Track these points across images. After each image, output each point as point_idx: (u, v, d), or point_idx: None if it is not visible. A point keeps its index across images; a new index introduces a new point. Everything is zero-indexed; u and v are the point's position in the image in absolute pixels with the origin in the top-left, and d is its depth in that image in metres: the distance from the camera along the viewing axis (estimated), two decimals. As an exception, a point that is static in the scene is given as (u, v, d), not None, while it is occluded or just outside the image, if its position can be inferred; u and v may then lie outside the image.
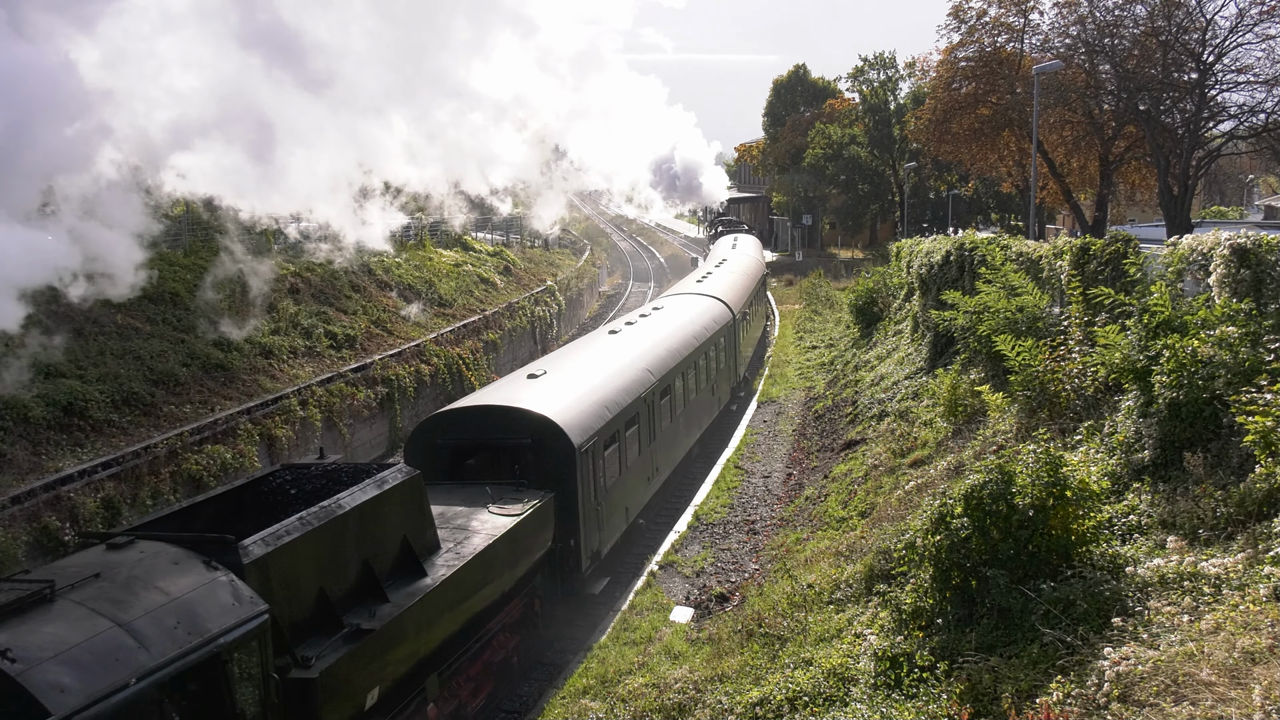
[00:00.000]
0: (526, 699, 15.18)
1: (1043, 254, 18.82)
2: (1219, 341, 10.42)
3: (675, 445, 23.94)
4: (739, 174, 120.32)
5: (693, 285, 35.58)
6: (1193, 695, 6.60)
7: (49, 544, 18.01)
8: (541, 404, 17.14)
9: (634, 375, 20.94)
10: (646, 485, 21.31)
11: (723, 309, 30.84)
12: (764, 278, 48.01)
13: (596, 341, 24.74)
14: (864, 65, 78.60)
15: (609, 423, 18.23)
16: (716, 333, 28.66)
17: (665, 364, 22.89)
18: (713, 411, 28.76)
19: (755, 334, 40.13)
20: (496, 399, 17.93)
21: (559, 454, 16.31)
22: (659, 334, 25.11)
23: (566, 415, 17.00)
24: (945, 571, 10.04)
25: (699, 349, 26.11)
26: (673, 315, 28.12)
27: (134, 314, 26.59)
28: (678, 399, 23.76)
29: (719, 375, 29.29)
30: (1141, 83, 35.91)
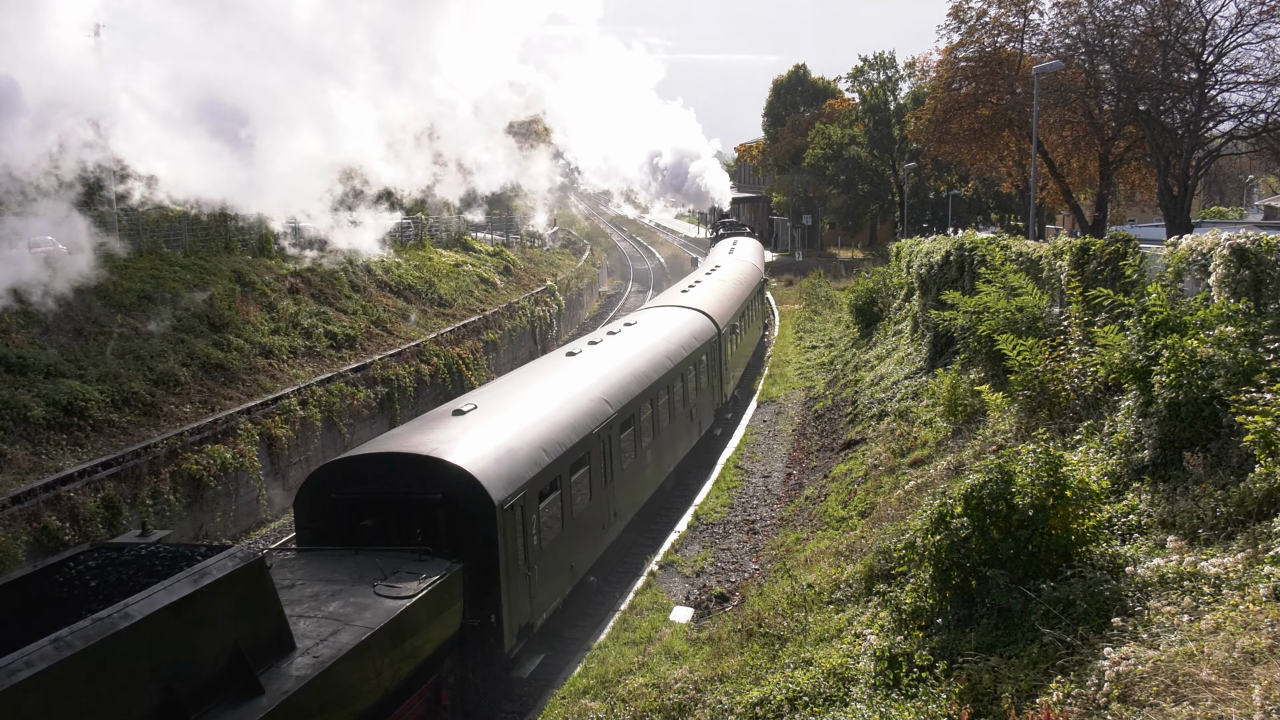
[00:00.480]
0: (526, 699, 15.18)
1: (1043, 254, 18.82)
2: (1218, 341, 10.42)
3: (640, 484, 20.98)
4: (739, 174, 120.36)
5: (675, 296, 32.61)
6: (1193, 695, 6.60)
7: (49, 544, 18.02)
8: (458, 450, 14.32)
9: (586, 407, 18.08)
10: (600, 535, 18.37)
11: (706, 324, 28.22)
12: (762, 284, 45.69)
13: (549, 366, 21.58)
14: (864, 65, 78.65)
15: (547, 468, 15.46)
16: (697, 351, 26.04)
17: (628, 391, 20.13)
18: (691, 439, 25.85)
19: (747, 348, 37.22)
20: (401, 444, 14.92)
21: (475, 512, 13.54)
22: (625, 355, 22.20)
23: (487, 464, 14.22)
24: (945, 571, 10.03)
25: (674, 370, 23.44)
26: (645, 332, 25.19)
27: (134, 314, 26.61)
28: (644, 430, 20.97)
29: (699, 398, 26.56)
30: (1141, 83, 35.92)
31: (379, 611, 11.43)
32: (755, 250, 52.38)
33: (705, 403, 27.30)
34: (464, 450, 14.32)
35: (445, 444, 14.48)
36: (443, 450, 14.21)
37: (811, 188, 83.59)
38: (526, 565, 14.54)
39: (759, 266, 46.53)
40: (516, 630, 14.31)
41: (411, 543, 13.38)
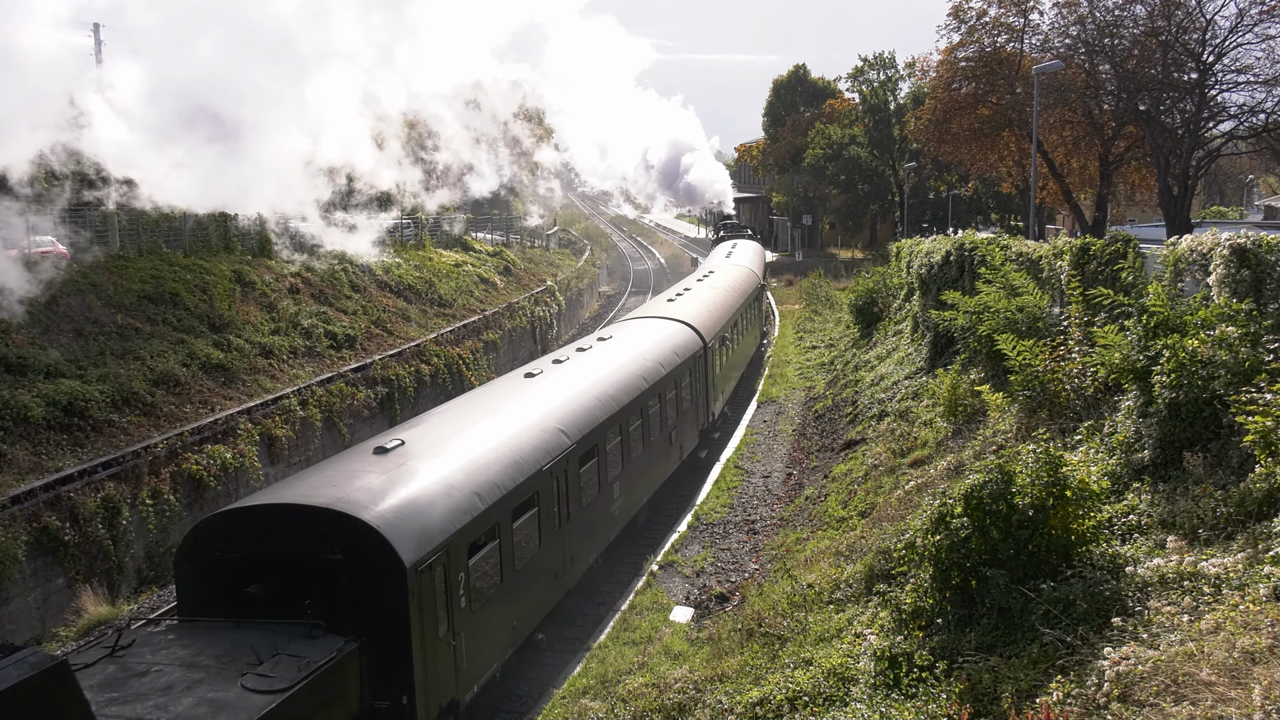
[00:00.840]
0: (526, 699, 15.18)
1: (1043, 254, 18.82)
2: (1218, 341, 10.42)
3: (603, 522, 18.74)
4: (739, 174, 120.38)
5: (659, 306, 30.25)
6: (1193, 695, 6.60)
7: (49, 544, 18.02)
8: (366, 499, 12.10)
9: (538, 440, 15.86)
10: (552, 585, 16.11)
11: (690, 337, 25.97)
12: (760, 289, 43.45)
13: (501, 391, 19.01)
14: (864, 65, 78.66)
15: (481, 516, 13.28)
16: (678, 368, 23.84)
17: (592, 417, 18.04)
18: (670, 465, 23.52)
19: (740, 359, 34.85)
20: (297, 493, 12.51)
21: (381, 577, 11.37)
22: (592, 376, 19.93)
23: (401, 515, 11.99)
24: (945, 571, 10.03)
25: (649, 391, 21.30)
26: (619, 349, 22.82)
27: (134, 314, 26.62)
28: (610, 461, 18.83)
29: (681, 420, 24.37)
30: (1141, 83, 35.91)
31: (239, 713, 9.17)
32: (754, 254, 49.82)
33: (688, 424, 25.23)
34: (373, 499, 12.08)
35: (351, 492, 12.20)
36: (345, 500, 11.90)
37: (811, 188, 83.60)
38: (450, 634, 12.35)
39: (756, 271, 43.98)
40: (436, 711, 12.14)
41: (304, 613, 11.06)
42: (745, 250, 49.74)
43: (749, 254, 48.15)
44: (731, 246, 52.21)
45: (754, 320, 39.65)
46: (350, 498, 12.02)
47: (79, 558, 18.36)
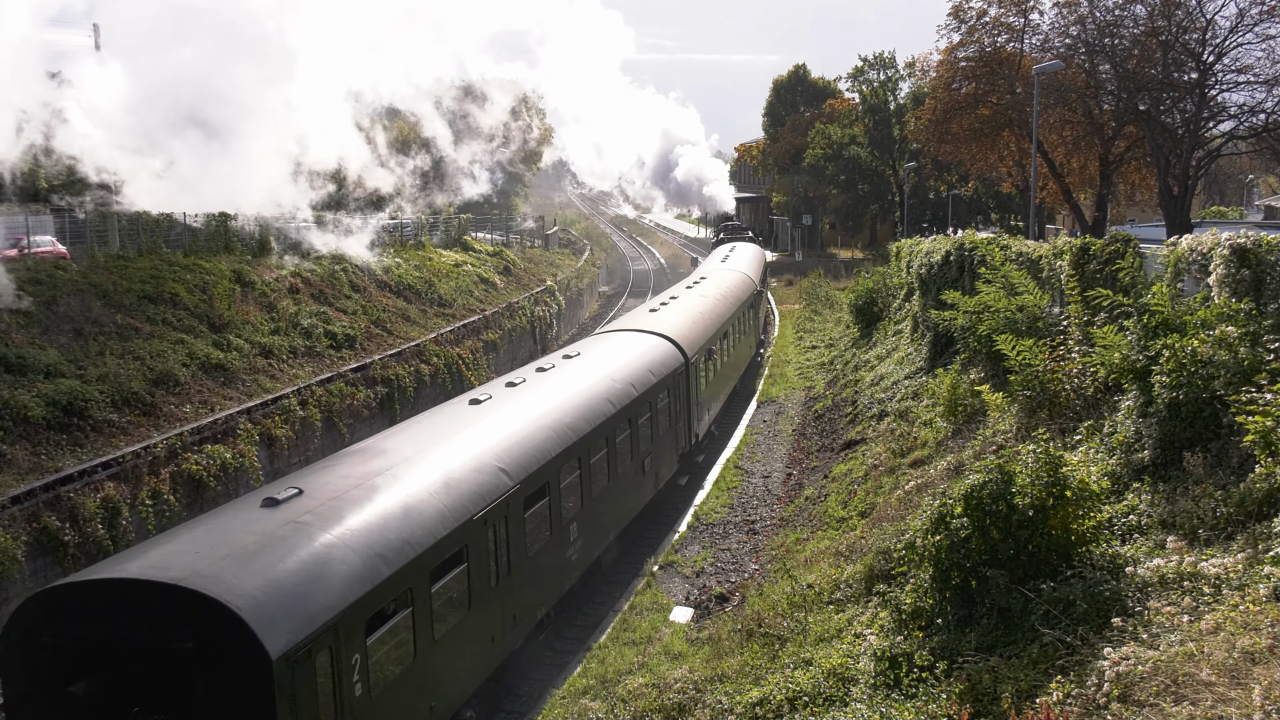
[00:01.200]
0: (527, 699, 15.18)
1: (1043, 254, 18.82)
2: (1218, 341, 10.41)
3: (555, 571, 16.22)
4: (739, 174, 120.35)
5: (638, 318, 28.03)
6: (1193, 695, 6.60)
7: (49, 544, 18.01)
8: (227, 570, 9.81)
9: (469, 482, 13.56)
10: (487, 651, 13.82)
11: (670, 353, 23.77)
12: (757, 295, 40.86)
13: (439, 422, 16.40)
14: (864, 65, 78.66)
15: (386, 583, 11.01)
16: (654, 387, 21.67)
17: (542, 451, 15.75)
18: (642, 496, 21.24)
19: (731, 372, 32.35)
20: (143, 564, 10.11)
21: (239, 670, 9.27)
22: (549, 402, 17.64)
23: (270, 591, 9.77)
24: (945, 571, 10.03)
25: (617, 416, 19.16)
26: (583, 369, 20.51)
27: (134, 314, 26.62)
28: (565, 498, 16.56)
29: (657, 445, 22.01)
30: (1141, 83, 35.91)
31: None
32: (752, 258, 47.38)
33: (665, 450, 22.99)
34: (239, 570, 9.86)
35: (214, 561, 9.93)
36: (199, 574, 9.63)
37: (811, 188, 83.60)
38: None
39: (753, 276, 41.27)
40: None
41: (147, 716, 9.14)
42: (743, 254, 47.43)
43: (746, 258, 45.95)
44: (729, 250, 50.05)
45: (749, 328, 37.27)
46: (208, 569, 9.68)
47: (79, 558, 18.34)
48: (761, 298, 44.35)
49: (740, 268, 41.32)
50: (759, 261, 48.15)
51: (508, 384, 18.96)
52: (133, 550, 11.17)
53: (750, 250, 50.81)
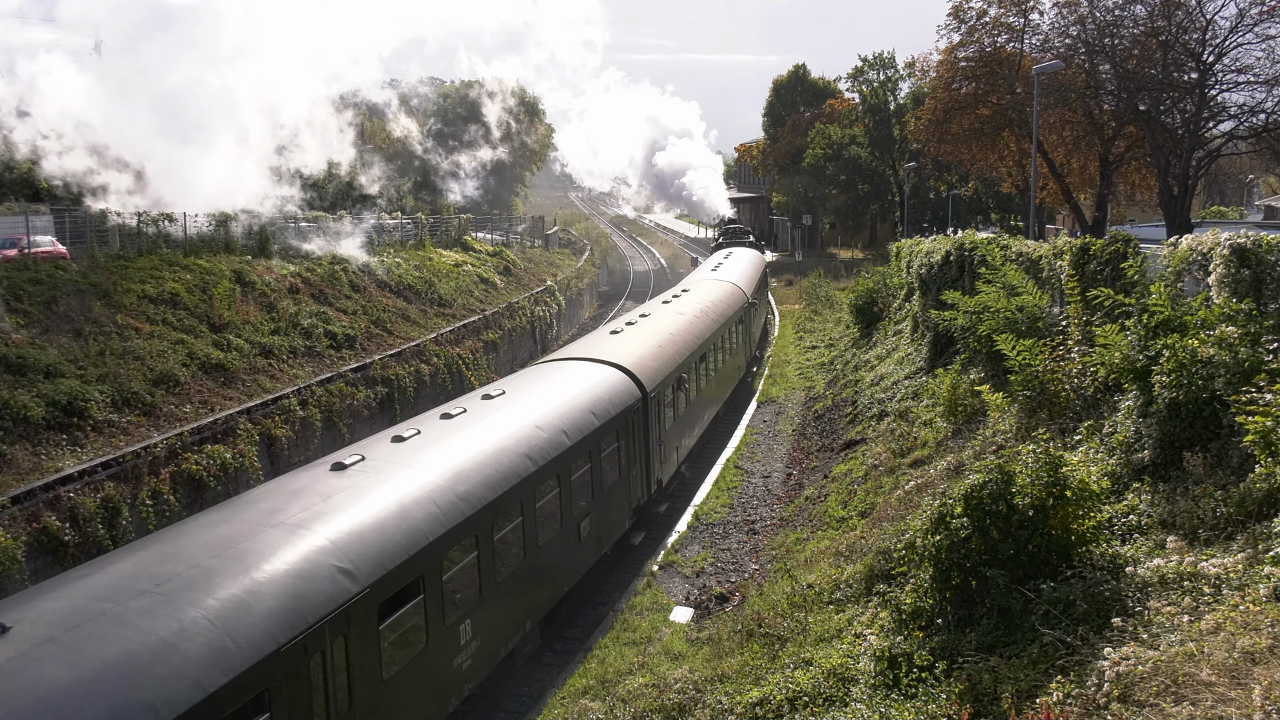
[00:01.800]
0: (526, 699, 15.17)
1: (1043, 254, 18.81)
2: (1218, 341, 10.41)
3: (428, 690, 12.43)
4: (739, 174, 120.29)
5: (596, 342, 24.07)
6: (1193, 695, 6.60)
7: (49, 544, 18.01)
8: None
9: (283, 596, 10.03)
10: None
11: (624, 386, 20.21)
12: (748, 308, 36.15)
13: (273, 499, 12.33)
14: (864, 65, 78.70)
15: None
16: (598, 431, 18.11)
17: (413, 537, 12.11)
18: (577, 567, 17.65)
19: (710, 401, 28.49)
20: None
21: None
22: (440, 466, 13.84)
23: None
24: (945, 571, 10.03)
25: (539, 474, 15.63)
26: (502, 414, 16.60)
27: (134, 314, 26.62)
28: (450, 593, 12.93)
29: (600, 502, 18.48)
30: (1141, 83, 35.92)
31: None
32: (747, 266, 43.26)
33: (612, 506, 19.27)
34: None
35: None
36: None
37: (811, 188, 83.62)
38: None
39: (744, 289, 36.72)
40: None
41: None
42: (738, 262, 43.74)
43: (740, 266, 42.22)
44: (724, 256, 46.65)
45: (735, 347, 32.99)
46: None
47: (79, 558, 18.34)
48: (755, 311, 39.19)
49: (731, 278, 37.55)
50: (754, 270, 43.61)
51: (394, 439, 14.95)
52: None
53: (746, 257, 47.01)
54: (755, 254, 50.69)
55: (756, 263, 46.73)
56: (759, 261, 48.07)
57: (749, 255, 48.66)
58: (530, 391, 18.62)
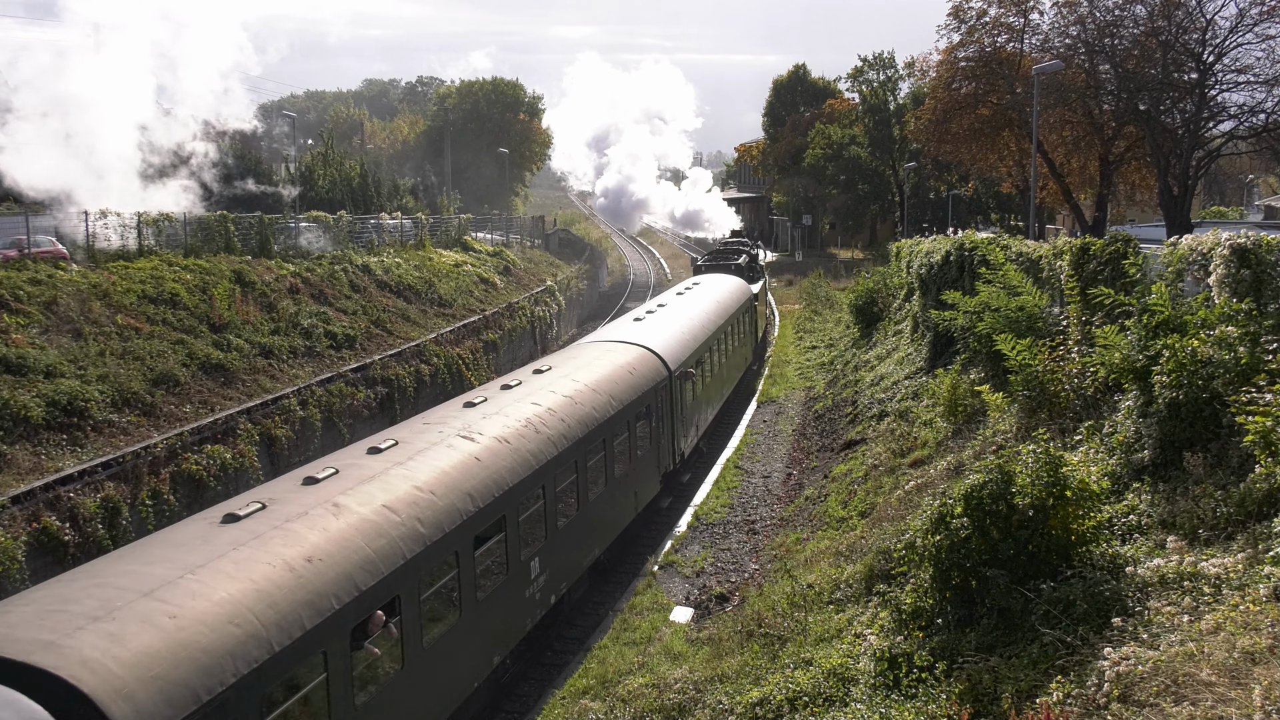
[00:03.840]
0: (527, 699, 15.17)
1: (1043, 254, 18.81)
2: (1218, 341, 10.41)
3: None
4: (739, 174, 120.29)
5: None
6: (1193, 695, 6.60)
7: (49, 544, 18.01)
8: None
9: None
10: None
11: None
12: (661, 387, 22.26)
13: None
14: (864, 65, 78.71)
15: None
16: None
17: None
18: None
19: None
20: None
21: None
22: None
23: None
24: (945, 571, 10.03)
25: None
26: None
27: (134, 314, 26.62)
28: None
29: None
30: (1141, 83, 35.92)
31: None
32: (700, 314, 29.05)
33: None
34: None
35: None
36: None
37: (811, 188, 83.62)
38: None
39: (663, 358, 23.00)
40: None
41: None
42: (689, 306, 29.93)
43: (685, 315, 28.19)
44: (689, 288, 34.55)
45: (621, 485, 20.25)
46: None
47: (79, 558, 18.33)
48: (680, 383, 23.83)
49: (641, 338, 23.73)
50: (709, 319, 29.13)
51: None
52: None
53: (711, 295, 32.42)
54: (738, 282, 37.33)
55: (725, 302, 32.59)
56: (734, 297, 34.35)
57: (720, 291, 33.90)
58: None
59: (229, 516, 10.86)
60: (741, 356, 34.59)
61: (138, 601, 8.67)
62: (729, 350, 31.42)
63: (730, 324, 31.78)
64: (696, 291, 32.99)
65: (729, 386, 31.93)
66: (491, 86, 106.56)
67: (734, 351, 32.62)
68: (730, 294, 34.65)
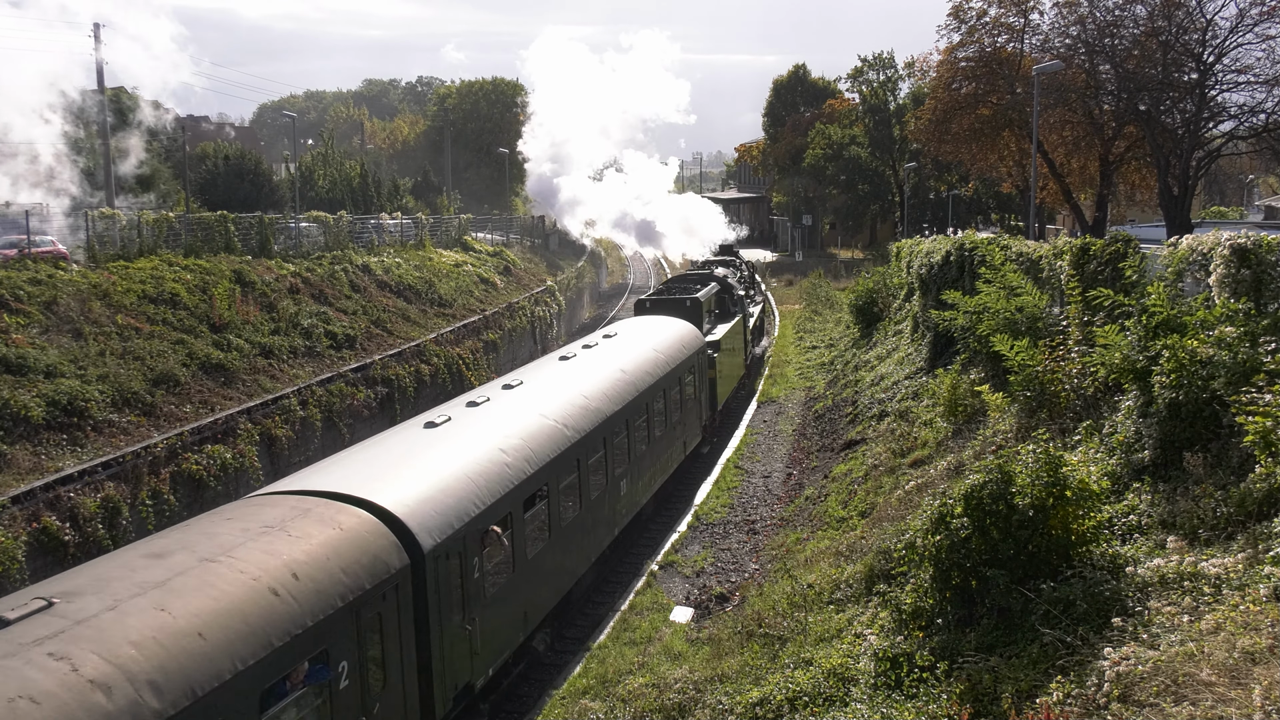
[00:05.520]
0: (527, 699, 15.17)
1: (1043, 254, 18.81)
2: (1218, 341, 10.41)
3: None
4: (739, 174, 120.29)
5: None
6: (1193, 695, 6.60)
7: (49, 544, 18.01)
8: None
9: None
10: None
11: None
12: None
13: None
14: (864, 65, 78.74)
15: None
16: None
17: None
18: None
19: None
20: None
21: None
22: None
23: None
24: (945, 571, 10.03)
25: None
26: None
27: (134, 314, 26.62)
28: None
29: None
30: (1141, 83, 35.92)
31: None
32: (599, 386, 19.25)
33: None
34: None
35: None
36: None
37: (811, 188, 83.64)
38: None
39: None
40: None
41: None
42: (583, 370, 20.24)
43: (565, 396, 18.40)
44: (591, 344, 23.14)
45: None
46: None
47: (79, 558, 18.34)
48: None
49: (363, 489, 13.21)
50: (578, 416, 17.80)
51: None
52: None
53: (603, 372, 20.25)
54: (672, 340, 24.53)
55: (635, 371, 21.00)
56: (663, 358, 22.96)
57: (638, 352, 22.49)
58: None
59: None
60: (675, 443, 23.58)
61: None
62: (637, 447, 20.15)
63: (642, 405, 20.44)
64: (587, 358, 21.20)
65: (637, 495, 20.55)
66: (492, 86, 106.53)
67: (654, 444, 21.49)
68: (658, 355, 22.82)
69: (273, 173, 53.56)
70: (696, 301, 29.58)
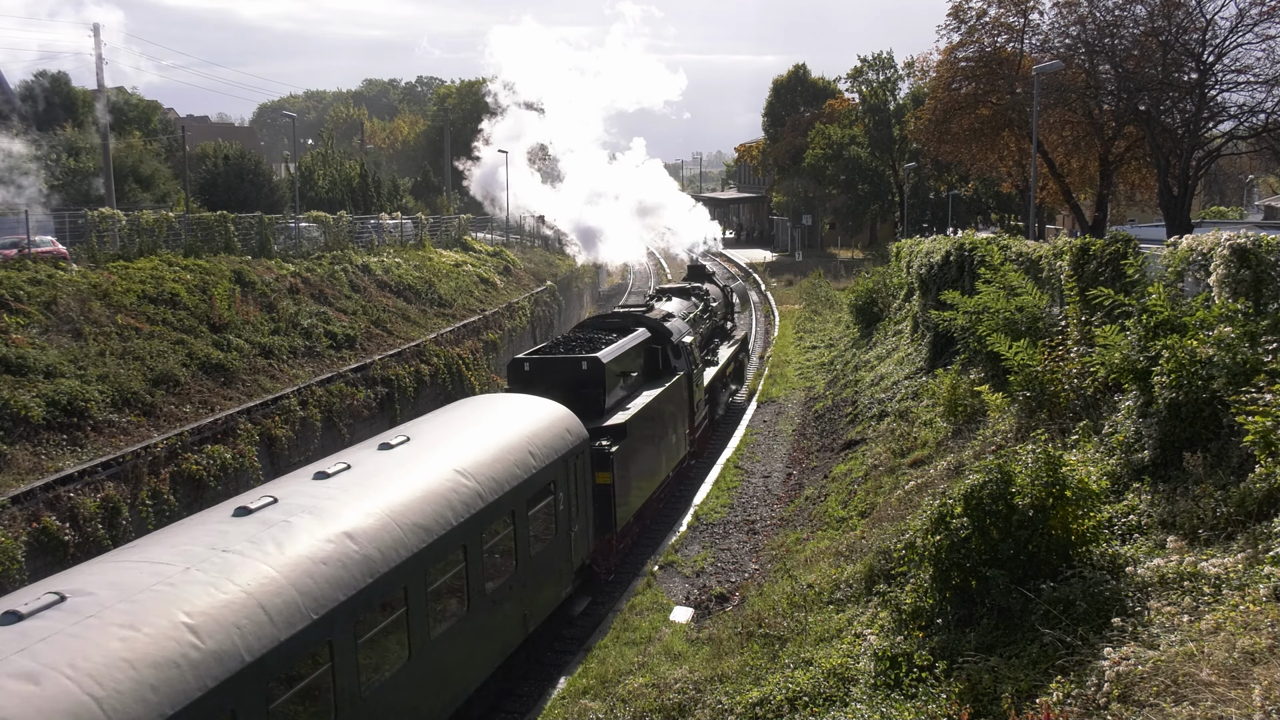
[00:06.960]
0: (527, 699, 15.17)
1: (1042, 254, 18.81)
2: (1218, 342, 10.40)
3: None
4: (739, 174, 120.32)
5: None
6: (1193, 695, 6.60)
7: (49, 544, 18.01)
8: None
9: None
10: None
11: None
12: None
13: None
14: (863, 65, 78.74)
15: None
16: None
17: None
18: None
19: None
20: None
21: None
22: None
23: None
24: (945, 571, 10.02)
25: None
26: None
27: (134, 314, 26.62)
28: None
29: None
30: (1141, 83, 35.93)
31: None
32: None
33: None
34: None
35: None
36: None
37: (811, 188, 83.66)
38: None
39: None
40: None
41: None
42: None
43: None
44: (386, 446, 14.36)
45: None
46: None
47: (79, 558, 18.35)
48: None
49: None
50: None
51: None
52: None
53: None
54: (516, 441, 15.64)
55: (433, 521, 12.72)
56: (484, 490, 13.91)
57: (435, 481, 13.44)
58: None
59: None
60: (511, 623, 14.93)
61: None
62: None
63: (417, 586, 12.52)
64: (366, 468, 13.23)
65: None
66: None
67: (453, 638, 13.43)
68: (464, 484, 13.58)
69: (272, 173, 53.56)
70: (597, 364, 19.94)
